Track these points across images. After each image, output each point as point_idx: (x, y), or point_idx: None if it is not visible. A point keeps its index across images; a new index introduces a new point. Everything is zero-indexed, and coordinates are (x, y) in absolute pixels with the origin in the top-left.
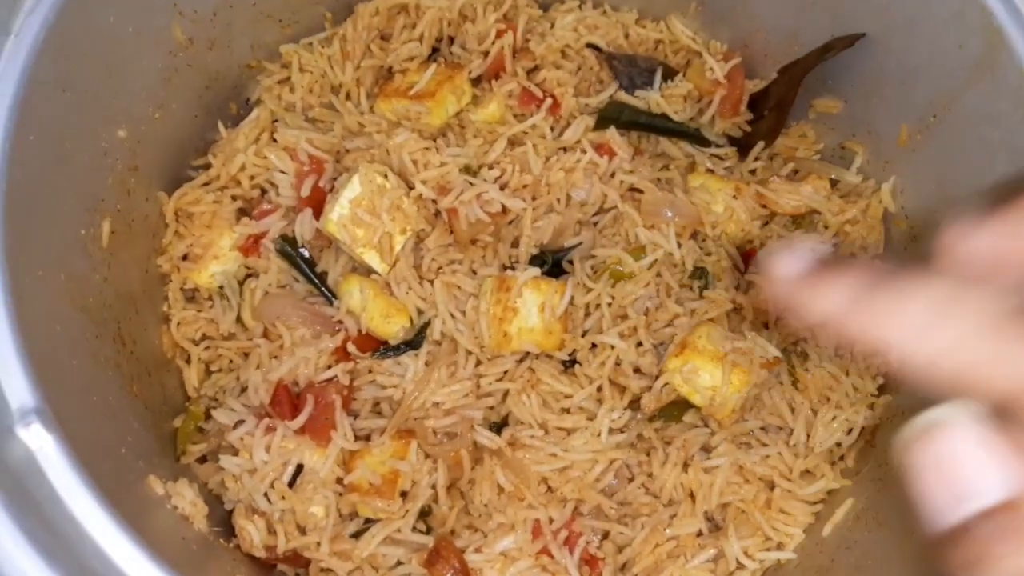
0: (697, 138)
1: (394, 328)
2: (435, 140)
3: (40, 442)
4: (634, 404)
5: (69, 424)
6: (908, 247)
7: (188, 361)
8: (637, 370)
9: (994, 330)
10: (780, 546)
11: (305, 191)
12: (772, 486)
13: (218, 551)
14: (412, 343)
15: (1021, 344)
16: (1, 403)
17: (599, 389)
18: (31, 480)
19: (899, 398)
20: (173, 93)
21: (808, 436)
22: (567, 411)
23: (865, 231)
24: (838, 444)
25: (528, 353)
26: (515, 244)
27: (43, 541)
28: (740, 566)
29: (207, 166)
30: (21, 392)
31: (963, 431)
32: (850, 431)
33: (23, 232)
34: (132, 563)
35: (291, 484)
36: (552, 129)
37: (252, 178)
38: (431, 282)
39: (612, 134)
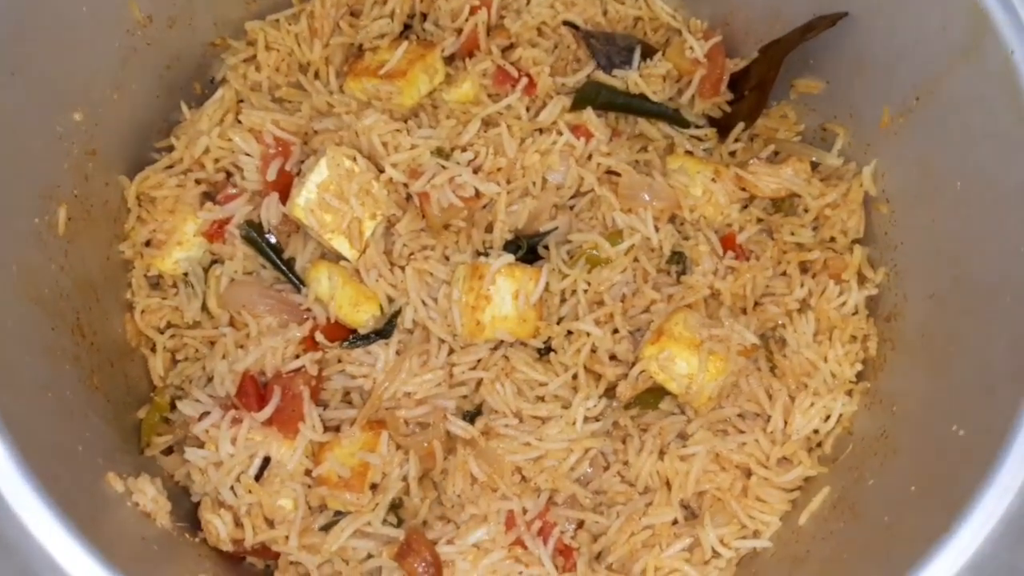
0: (676, 119)
1: (364, 316)
2: (406, 121)
3: None
4: (610, 392)
5: (19, 427)
6: (889, 232)
7: (153, 350)
8: (613, 357)
9: None
10: (756, 534)
11: (271, 175)
12: (749, 473)
13: (183, 547)
14: (382, 332)
15: None
16: None
17: (574, 377)
18: None
19: (877, 385)
20: (132, 73)
21: (786, 423)
22: (542, 399)
23: (845, 215)
24: (816, 431)
25: (502, 341)
26: (489, 229)
27: None
28: (716, 554)
29: (170, 148)
30: None
31: None
32: (828, 418)
33: None
34: (80, 566)
35: (258, 477)
36: (528, 110)
37: (216, 161)
38: (402, 269)
39: (589, 115)
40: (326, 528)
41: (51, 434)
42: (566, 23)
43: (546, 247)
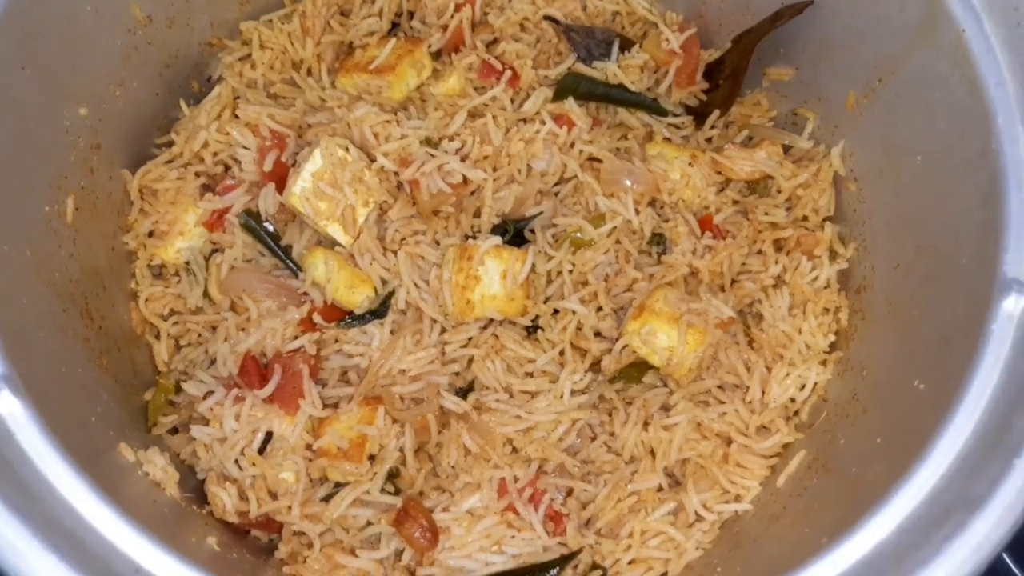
0: (654, 108)
1: (359, 298)
2: (396, 113)
3: (10, 408)
4: (595, 366)
5: (38, 393)
6: (857, 209)
7: (157, 336)
8: (598, 334)
9: None
10: (738, 498)
11: (268, 166)
12: (729, 442)
13: (191, 516)
14: (377, 312)
15: None
16: None
17: (561, 353)
18: (2, 443)
19: (849, 354)
20: (133, 71)
21: (763, 393)
22: (530, 375)
23: (816, 194)
24: (792, 400)
25: (492, 320)
26: (477, 214)
27: (15, 500)
28: (699, 518)
29: (170, 143)
30: None
31: None
32: (803, 387)
33: None
34: (101, 519)
35: (261, 451)
36: (512, 101)
37: (215, 154)
38: (395, 253)
39: (571, 105)
40: (327, 499)
41: (66, 403)
42: (547, 18)
43: (532, 231)
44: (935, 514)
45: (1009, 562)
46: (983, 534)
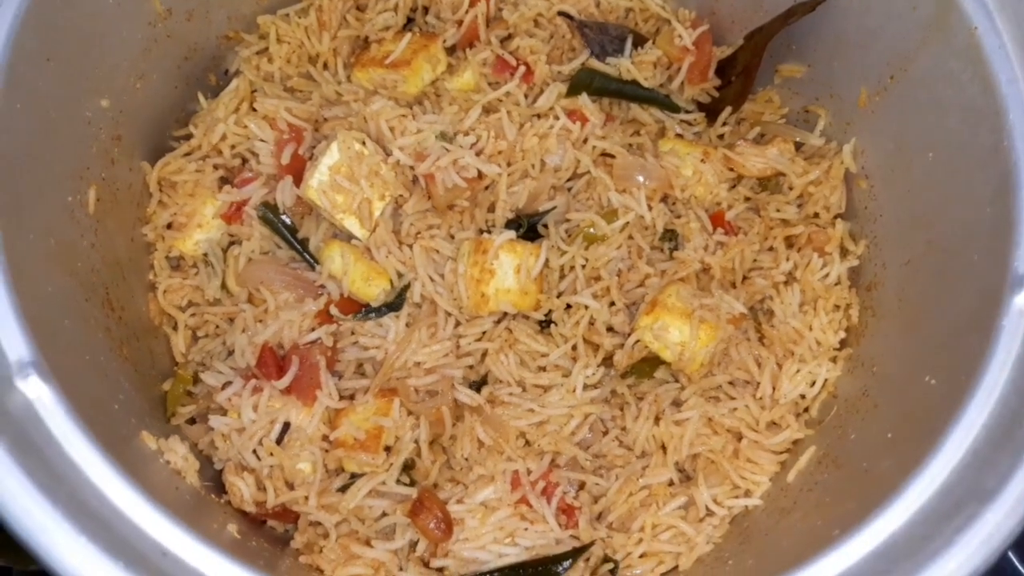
0: (667, 104)
1: (375, 291)
2: (411, 108)
3: (38, 392)
4: (607, 361)
5: (64, 378)
6: (868, 206)
7: (175, 328)
8: (610, 329)
9: None
10: (748, 493)
11: (285, 159)
12: (740, 437)
13: (210, 505)
14: (393, 305)
15: None
16: (0, 356)
17: (574, 347)
18: (31, 426)
19: (859, 351)
20: (153, 64)
21: (774, 389)
22: (543, 369)
23: (828, 191)
24: (803, 396)
25: (505, 314)
26: (491, 209)
27: (43, 481)
28: (710, 513)
29: (188, 136)
30: (18, 346)
31: None
32: (813, 383)
33: (14, 197)
34: (128, 502)
35: (278, 442)
36: (526, 96)
37: (233, 147)
38: (410, 246)
39: (584, 100)
40: (343, 489)
41: (90, 390)
42: (561, 14)
43: (545, 225)
44: (947, 506)
45: (1015, 561)
46: (994, 525)
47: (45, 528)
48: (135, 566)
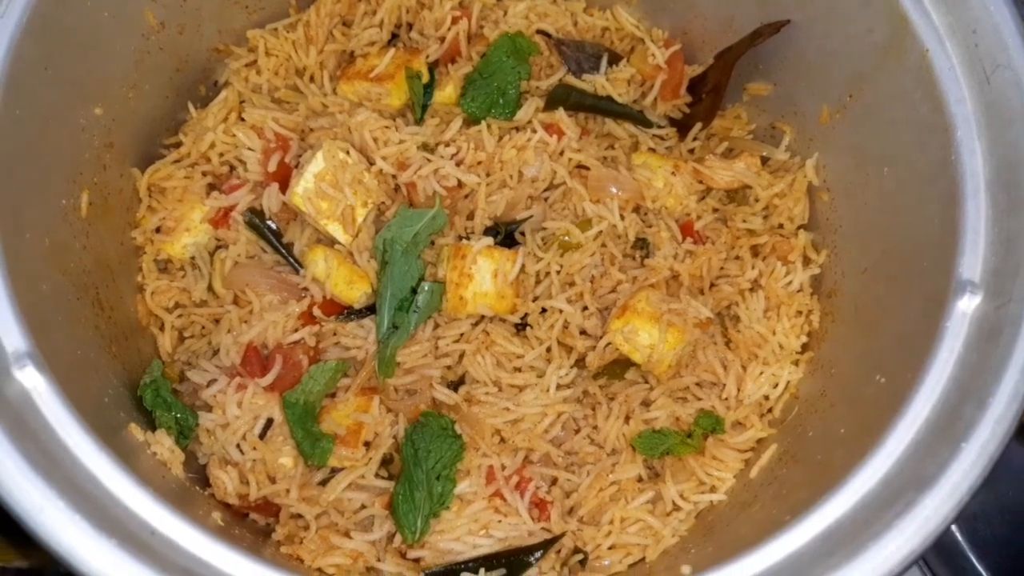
0: (640, 119)
1: (357, 294)
2: (395, 120)
3: (34, 382)
4: (580, 363)
5: (57, 370)
6: (829, 217)
7: (162, 328)
8: (583, 332)
9: None
10: (713, 489)
11: (272, 167)
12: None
13: (195, 495)
14: (374, 308)
15: None
16: None
17: (548, 349)
18: (27, 413)
19: (820, 354)
20: (145, 74)
21: (739, 390)
22: (519, 370)
23: (792, 203)
24: (766, 397)
25: (483, 316)
26: (470, 217)
27: (40, 463)
28: (676, 508)
29: (178, 144)
30: (15, 338)
31: None
32: (776, 385)
33: (12, 198)
34: (118, 486)
35: (261, 437)
36: None
37: (221, 155)
38: None
39: (561, 115)
40: (323, 483)
41: (81, 383)
42: (540, 32)
43: (522, 233)
44: (888, 493)
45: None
46: (931, 510)
47: (42, 508)
48: (127, 543)
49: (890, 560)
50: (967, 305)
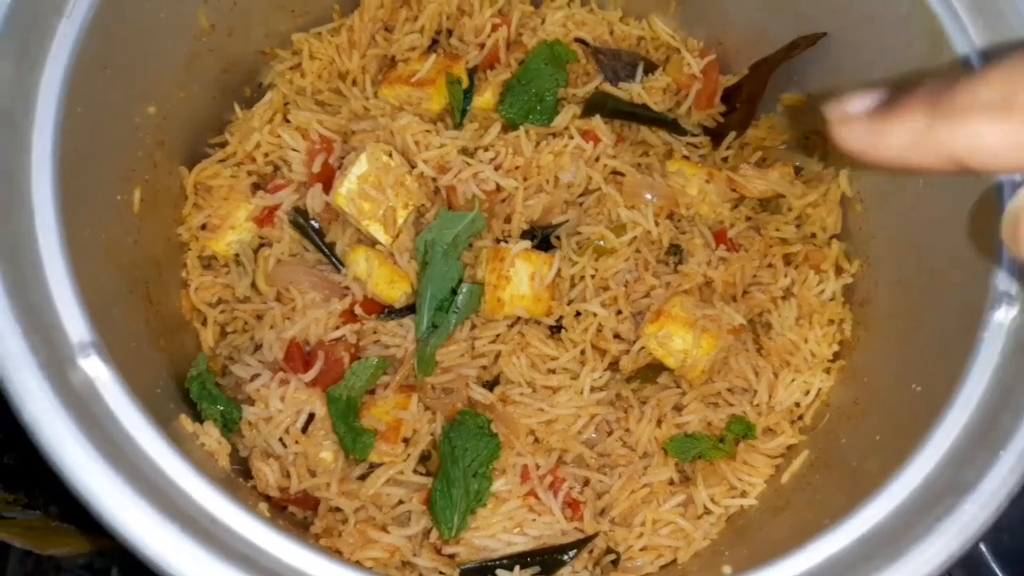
0: (674, 127)
1: (397, 293)
2: (435, 124)
3: (97, 371)
4: (613, 366)
5: (117, 360)
6: (863, 228)
7: (204, 323)
8: (617, 336)
9: None
10: (743, 494)
11: (316, 167)
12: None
13: (240, 486)
14: (413, 307)
15: None
16: (63, 337)
17: (582, 352)
18: (92, 403)
19: (851, 362)
20: (195, 75)
21: (770, 397)
22: (553, 372)
23: (825, 213)
24: (797, 404)
25: (519, 318)
26: (507, 220)
27: (107, 450)
28: (707, 511)
29: (224, 143)
30: (80, 328)
31: None
32: (808, 392)
33: (73, 193)
34: (179, 474)
35: (304, 431)
36: None
37: (266, 155)
38: None
39: (597, 122)
40: (362, 477)
41: (137, 374)
42: (577, 40)
43: (558, 237)
44: (928, 498)
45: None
46: (970, 515)
47: (110, 493)
48: (189, 529)
49: (930, 563)
50: (1004, 316)
